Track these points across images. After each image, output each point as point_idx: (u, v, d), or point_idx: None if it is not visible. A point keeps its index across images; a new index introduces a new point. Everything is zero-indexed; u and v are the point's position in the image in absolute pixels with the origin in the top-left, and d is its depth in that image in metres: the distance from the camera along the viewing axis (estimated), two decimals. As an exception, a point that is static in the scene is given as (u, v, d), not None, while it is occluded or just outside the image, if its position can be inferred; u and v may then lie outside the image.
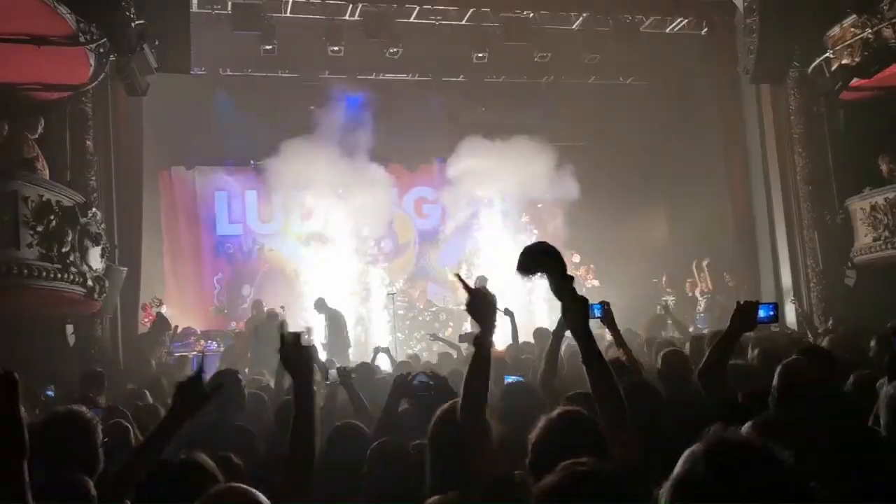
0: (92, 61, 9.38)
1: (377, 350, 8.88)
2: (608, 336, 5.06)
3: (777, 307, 3.82)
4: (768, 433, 2.19)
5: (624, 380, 3.02)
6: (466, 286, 2.76)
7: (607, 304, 4.50)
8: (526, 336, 8.49)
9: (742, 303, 3.66)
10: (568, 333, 4.82)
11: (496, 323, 2.73)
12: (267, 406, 5.62)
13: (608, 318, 4.51)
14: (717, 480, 1.22)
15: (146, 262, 12.42)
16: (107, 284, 9.56)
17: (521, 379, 4.58)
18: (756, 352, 5.37)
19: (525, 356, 7.27)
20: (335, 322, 13.06)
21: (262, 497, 1.97)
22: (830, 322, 11.18)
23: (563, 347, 4.63)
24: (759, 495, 1.19)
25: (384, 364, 8.95)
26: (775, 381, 3.32)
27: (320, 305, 13.28)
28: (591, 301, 4.48)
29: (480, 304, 2.69)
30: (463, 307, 2.74)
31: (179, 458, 2.69)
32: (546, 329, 7.44)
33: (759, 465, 1.22)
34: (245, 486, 2.01)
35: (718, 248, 14.99)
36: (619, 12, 14.07)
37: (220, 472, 2.65)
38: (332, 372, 5.41)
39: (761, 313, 3.61)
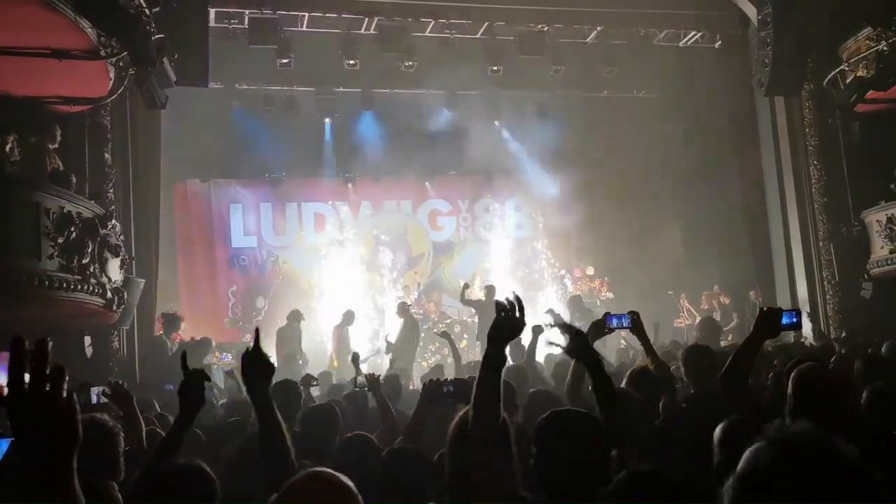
0: (112, 75, 9.51)
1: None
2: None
3: (799, 314, 3.85)
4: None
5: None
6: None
7: (636, 314, 4.50)
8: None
9: (766, 309, 3.68)
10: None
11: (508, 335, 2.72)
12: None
13: (637, 328, 4.53)
14: (782, 474, 1.23)
15: (160, 274, 12.49)
16: (125, 296, 9.62)
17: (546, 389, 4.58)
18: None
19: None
20: (413, 330, 13.32)
21: (347, 480, 2.01)
22: (844, 333, 11.13)
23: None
24: (824, 488, 1.20)
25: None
26: (789, 389, 3.30)
27: (402, 310, 13.55)
28: (618, 312, 4.54)
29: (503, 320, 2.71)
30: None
31: (180, 462, 2.75)
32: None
33: (824, 459, 1.23)
34: (331, 471, 2.05)
35: (734, 261, 14.93)
36: (633, 26, 14.14)
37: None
38: (361, 379, 5.45)
39: (784, 320, 3.66)
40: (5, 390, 1.47)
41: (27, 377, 1.42)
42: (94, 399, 4.08)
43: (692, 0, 13.68)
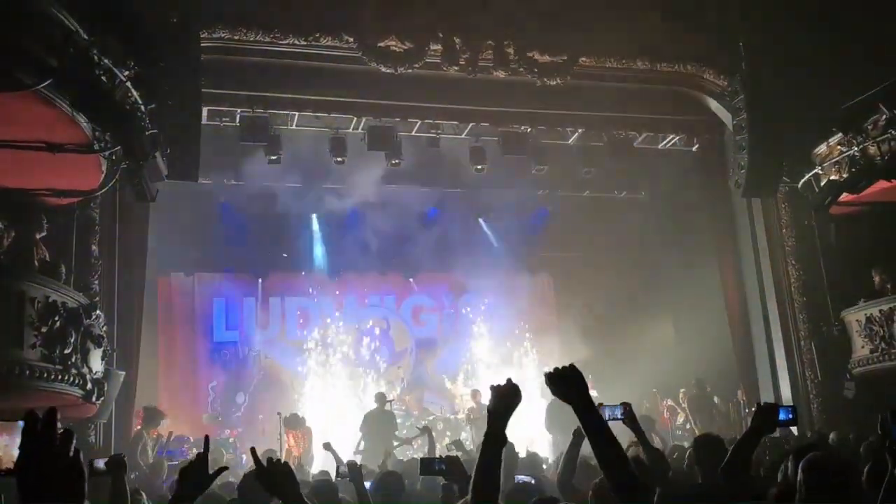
0: (104, 168, 9.63)
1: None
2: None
3: (795, 410, 3.96)
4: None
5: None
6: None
7: (629, 405, 4.63)
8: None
9: (763, 404, 3.78)
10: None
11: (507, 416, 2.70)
12: None
13: (630, 419, 4.63)
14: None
15: (140, 367, 12.32)
16: (105, 388, 9.49)
17: (531, 480, 4.56)
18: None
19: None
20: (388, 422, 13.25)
21: None
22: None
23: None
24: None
25: None
26: (800, 477, 3.33)
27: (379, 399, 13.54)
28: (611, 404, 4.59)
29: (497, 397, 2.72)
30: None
31: None
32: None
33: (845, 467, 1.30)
34: None
35: (720, 360, 14.92)
36: (614, 128, 14.55)
37: None
38: (343, 469, 5.42)
39: (781, 415, 3.77)
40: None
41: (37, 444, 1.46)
42: (100, 465, 4.31)
43: (670, 105, 14.15)
